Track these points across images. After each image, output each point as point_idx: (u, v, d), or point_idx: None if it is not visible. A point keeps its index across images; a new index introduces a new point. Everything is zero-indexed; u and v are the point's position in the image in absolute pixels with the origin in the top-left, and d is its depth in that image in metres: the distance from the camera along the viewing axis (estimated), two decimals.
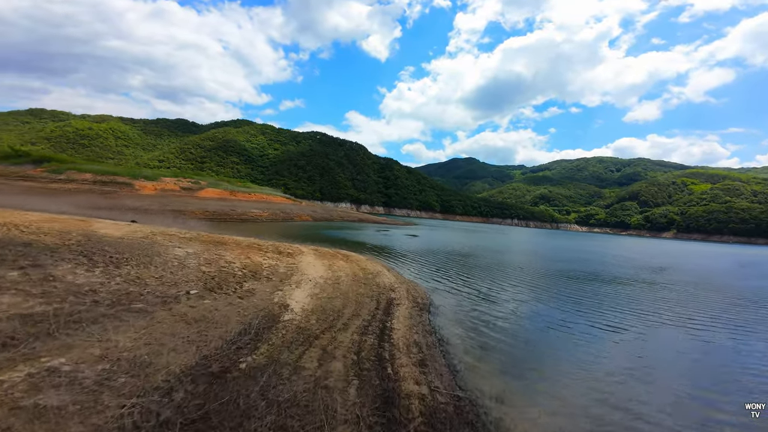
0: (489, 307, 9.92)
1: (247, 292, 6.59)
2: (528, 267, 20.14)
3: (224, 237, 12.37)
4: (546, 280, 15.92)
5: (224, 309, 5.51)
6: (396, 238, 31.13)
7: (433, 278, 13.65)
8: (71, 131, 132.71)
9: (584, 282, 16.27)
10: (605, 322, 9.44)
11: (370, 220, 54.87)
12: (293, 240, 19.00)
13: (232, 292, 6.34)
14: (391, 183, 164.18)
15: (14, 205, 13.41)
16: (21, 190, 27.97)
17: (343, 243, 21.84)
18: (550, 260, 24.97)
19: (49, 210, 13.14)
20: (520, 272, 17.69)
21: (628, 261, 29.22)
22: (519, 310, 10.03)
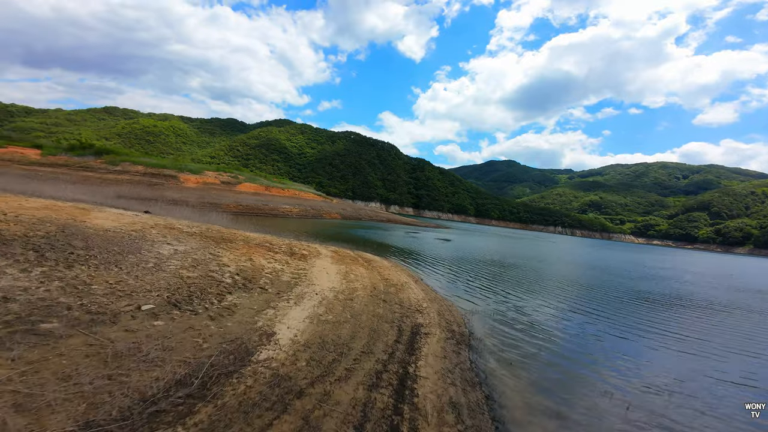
0: (556, 344, 7.40)
1: (226, 309, 4.97)
2: (593, 285, 16.71)
3: (236, 233, 11.21)
4: (625, 304, 12.64)
5: (177, 337, 3.90)
6: (426, 241, 28.76)
7: (471, 295, 11.28)
8: (139, 128, 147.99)
9: (677, 308, 12.71)
10: (743, 374, 6.39)
11: (399, 221, 52.85)
12: (315, 238, 17.69)
13: (203, 310, 4.75)
14: (422, 184, 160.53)
15: (52, 193, 13.44)
16: (78, 178, 30.47)
17: (368, 244, 20.12)
18: (619, 276, 20.90)
19: (79, 198, 13.06)
20: (584, 291, 14.52)
21: (718, 281, 23.80)
22: (600, 349, 7.37)
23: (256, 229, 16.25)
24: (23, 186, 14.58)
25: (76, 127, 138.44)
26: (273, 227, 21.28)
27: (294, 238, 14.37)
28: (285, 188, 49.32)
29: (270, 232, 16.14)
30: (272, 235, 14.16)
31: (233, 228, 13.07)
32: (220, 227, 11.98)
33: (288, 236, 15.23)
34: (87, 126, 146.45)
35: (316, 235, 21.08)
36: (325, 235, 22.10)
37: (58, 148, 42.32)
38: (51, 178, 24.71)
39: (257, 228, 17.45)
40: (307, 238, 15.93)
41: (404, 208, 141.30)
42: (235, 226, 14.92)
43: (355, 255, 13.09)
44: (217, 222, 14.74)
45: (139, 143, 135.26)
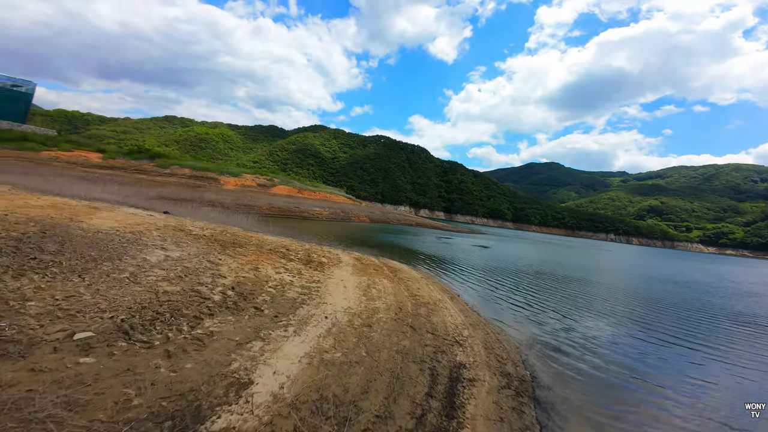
0: (662, 395, 5.17)
1: (195, 341, 3.69)
2: (679, 304, 13.40)
3: (253, 236, 10.29)
4: (731, 331, 9.58)
5: (101, 384, 2.65)
6: (460, 248, 26.40)
7: (522, 317, 9.16)
8: (193, 135, 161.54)
9: None
10: None
11: (429, 225, 50.44)
12: (340, 243, 16.51)
13: (163, 341, 3.50)
14: (454, 187, 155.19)
15: (90, 193, 13.71)
16: (130, 180, 32.90)
17: (395, 251, 18.52)
18: (705, 293, 16.87)
19: (106, 198, 13.17)
20: (671, 313, 11.48)
21: None
22: (733, 398, 4.99)
23: (280, 231, 15.51)
24: (71, 186, 15.25)
25: (141, 135, 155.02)
26: (300, 230, 20.61)
27: (316, 243, 13.28)
28: (316, 191, 49.66)
29: (294, 235, 15.29)
30: (294, 238, 13.20)
31: (254, 231, 12.29)
32: (239, 230, 11.20)
33: (311, 240, 14.21)
34: (150, 133, 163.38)
35: (341, 238, 19.98)
36: (350, 239, 20.94)
37: (117, 152, 46.70)
38: (104, 179, 26.70)
39: (283, 230, 16.76)
40: (331, 243, 14.79)
41: (434, 212, 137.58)
42: (259, 229, 14.25)
43: (380, 264, 11.57)
44: (240, 224, 14.19)
45: (193, 149, 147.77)
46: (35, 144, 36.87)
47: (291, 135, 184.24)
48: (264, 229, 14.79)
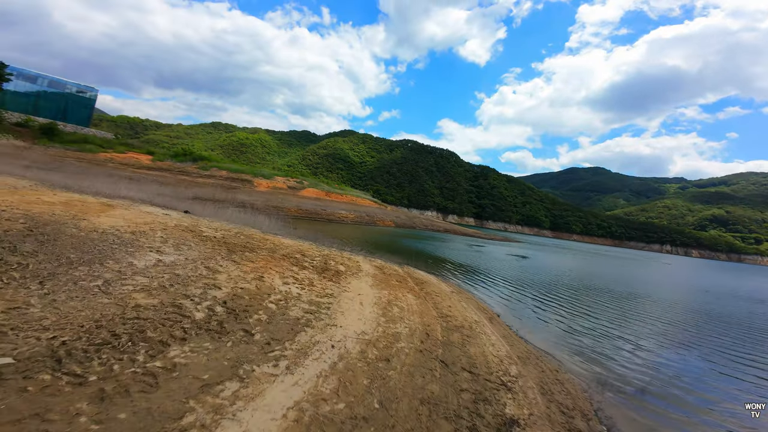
0: None
1: (147, 377, 2.73)
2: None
3: (268, 239, 9.58)
4: None
5: None
6: (495, 257, 24.21)
7: (584, 345, 7.40)
8: (235, 140, 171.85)
9: None
10: None
11: (459, 232, 47.94)
12: (362, 248, 15.49)
13: (103, 376, 2.58)
14: (485, 193, 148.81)
15: (122, 192, 13.99)
16: (173, 181, 34.90)
17: (421, 258, 17.11)
18: None
19: (133, 196, 13.33)
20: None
21: None
22: None
23: (302, 234, 14.89)
24: (113, 185, 15.87)
25: (190, 140, 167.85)
26: (323, 233, 20.01)
27: (337, 248, 12.36)
28: (343, 194, 49.62)
29: (316, 238, 14.58)
30: (315, 242, 12.41)
31: (272, 233, 11.66)
32: (256, 232, 10.59)
33: (332, 244, 13.35)
34: (198, 138, 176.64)
35: (364, 243, 19.00)
36: (373, 243, 19.88)
37: (165, 155, 50.29)
38: (148, 179, 28.41)
39: (305, 233, 16.16)
40: (353, 248, 13.83)
41: (464, 218, 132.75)
42: (281, 231, 13.70)
43: (404, 273, 10.31)
44: (262, 225, 13.73)
45: (235, 153, 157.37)
46: (94, 146, 40.62)
47: (322, 140, 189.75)
48: (286, 231, 14.24)
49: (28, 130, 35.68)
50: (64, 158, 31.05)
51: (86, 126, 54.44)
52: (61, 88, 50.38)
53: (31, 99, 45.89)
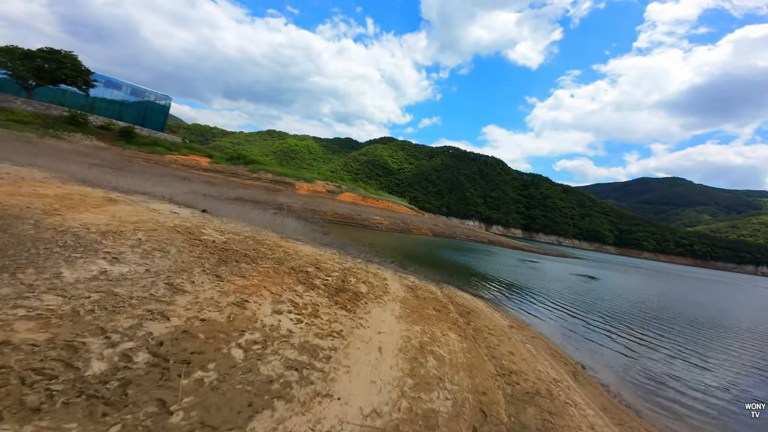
0: None
1: None
2: None
3: (280, 246, 8.16)
4: None
5: None
6: (555, 276, 20.38)
7: (746, 423, 4.50)
8: (286, 147, 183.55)
9: None
10: None
11: (506, 244, 43.18)
12: (393, 259, 13.49)
13: None
14: (536, 203, 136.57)
15: (157, 189, 13.99)
16: (224, 182, 36.84)
17: (464, 275, 14.53)
18: None
19: (162, 193, 13.10)
20: None
21: None
22: None
23: (329, 241, 13.48)
24: (150, 183, 16.27)
25: (249, 146, 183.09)
26: (354, 239, 18.53)
27: (364, 258, 10.59)
28: (380, 200, 48.41)
29: (344, 245, 13.04)
30: (340, 250, 10.82)
31: (293, 239, 10.33)
32: (274, 236, 9.30)
33: (359, 253, 11.66)
34: (256, 145, 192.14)
35: (396, 253, 17.01)
36: (407, 254, 17.77)
37: (221, 158, 54.21)
38: (199, 179, 30.03)
39: (334, 239, 14.78)
40: (383, 259, 11.95)
41: (510, 229, 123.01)
42: (308, 236, 12.44)
43: (444, 297, 8.08)
44: (288, 229, 12.61)
45: (285, 159, 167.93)
46: (162, 148, 44.95)
47: (363, 147, 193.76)
48: (312, 236, 12.94)
49: (110, 133, 40.60)
50: (133, 158, 34.50)
51: (161, 131, 61.30)
52: (141, 96, 57.45)
53: (116, 106, 52.89)
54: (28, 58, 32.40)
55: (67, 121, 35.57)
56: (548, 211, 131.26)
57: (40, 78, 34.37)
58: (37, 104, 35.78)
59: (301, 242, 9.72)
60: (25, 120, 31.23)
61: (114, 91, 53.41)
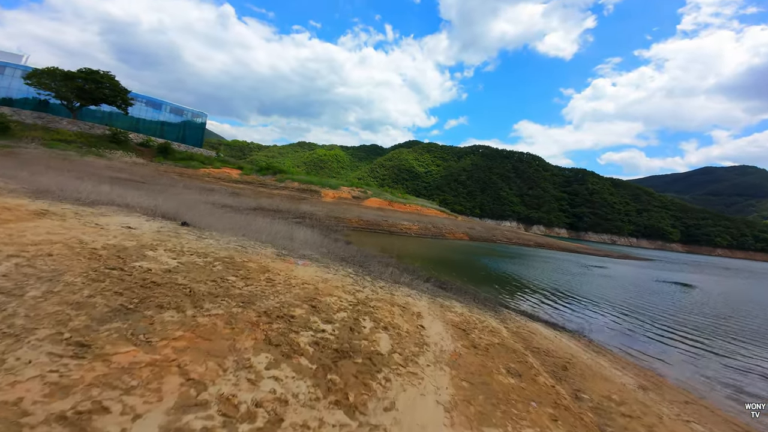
0: None
1: None
2: None
3: (272, 268, 5.79)
4: None
5: None
6: (641, 285, 15.97)
7: None
8: (315, 157, 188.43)
9: None
10: None
11: (555, 246, 37.78)
12: (427, 272, 10.61)
13: None
14: (582, 200, 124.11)
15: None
16: (251, 191, 36.55)
17: (523, 290, 11.15)
18: None
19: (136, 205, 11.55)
20: None
21: None
22: None
23: (351, 254, 11.01)
24: (169, 197, 15.11)
25: (282, 158, 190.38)
26: (381, 248, 15.92)
27: (389, 278, 7.91)
28: (407, 203, 45.51)
29: (364, 259, 10.50)
30: (358, 269, 8.28)
31: (294, 256, 7.96)
32: (263, 255, 7.00)
33: (385, 269, 9.01)
34: (288, 157, 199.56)
35: (430, 264, 14.07)
36: (443, 264, 14.71)
37: (251, 169, 55.10)
38: (225, 191, 29.63)
39: (357, 251, 12.28)
40: (414, 276, 9.16)
41: (553, 228, 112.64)
42: (319, 250, 10.09)
43: (516, 341, 5.06)
44: (296, 241, 10.38)
45: (315, 168, 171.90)
46: (197, 162, 46.33)
47: (388, 152, 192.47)
48: (326, 249, 10.55)
49: (149, 149, 42.40)
50: (166, 173, 35.35)
51: (200, 146, 64.30)
52: (179, 114, 60.62)
53: (158, 125, 56.03)
54: (69, 78, 34.52)
55: (109, 140, 37.63)
56: (597, 207, 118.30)
57: (81, 98, 36.59)
58: (82, 124, 38.36)
59: (305, 260, 7.30)
60: (70, 139, 33.25)
61: (154, 110, 56.90)
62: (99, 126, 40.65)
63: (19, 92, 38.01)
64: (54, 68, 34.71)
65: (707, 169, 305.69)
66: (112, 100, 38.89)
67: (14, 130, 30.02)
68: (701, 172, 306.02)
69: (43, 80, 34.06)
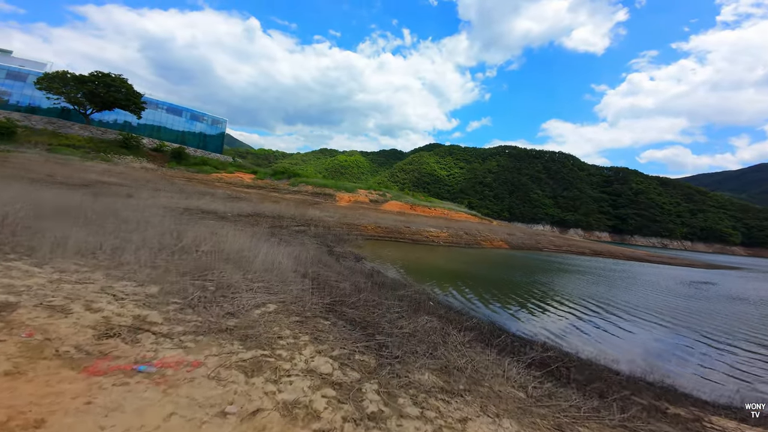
0: None
1: None
2: None
3: None
4: None
5: None
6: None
7: None
8: (336, 163, 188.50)
9: None
10: None
11: (619, 255, 31.40)
12: (481, 307, 6.19)
13: None
14: (626, 200, 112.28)
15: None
16: (259, 197, 33.70)
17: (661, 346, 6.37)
18: None
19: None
20: None
21: None
22: None
23: (353, 276, 6.92)
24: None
25: (305, 165, 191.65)
26: (401, 264, 11.71)
27: (426, 346, 3.74)
28: (431, 206, 40.82)
29: (384, 296, 6.34)
30: (360, 352, 4.12)
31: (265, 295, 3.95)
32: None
33: (407, 309, 4.85)
34: (311, 164, 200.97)
35: (471, 283, 9.56)
36: (494, 286, 10.12)
37: (265, 174, 53.02)
38: (223, 195, 26.66)
39: (364, 272, 8.18)
40: (463, 318, 4.83)
41: (593, 232, 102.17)
42: (297, 282, 6.09)
43: None
44: (254, 268, 6.47)
45: (336, 174, 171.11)
46: (210, 167, 44.65)
47: (408, 156, 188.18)
48: (327, 271, 6.51)
49: (162, 155, 41.03)
50: (172, 177, 33.36)
51: (219, 152, 63.61)
52: (199, 120, 60.17)
53: (179, 133, 55.58)
54: (81, 82, 33.50)
55: (120, 145, 36.48)
56: (643, 208, 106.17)
57: (93, 102, 35.58)
58: (94, 129, 37.58)
59: (196, 360, 3.27)
60: (78, 144, 32.11)
61: (176, 117, 56.69)
62: (112, 131, 39.84)
63: (43, 100, 37.96)
64: (64, 72, 33.93)
65: (762, 166, 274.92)
66: (125, 104, 37.75)
67: (20, 135, 29.06)
68: (756, 169, 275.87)
69: (54, 85, 33.22)
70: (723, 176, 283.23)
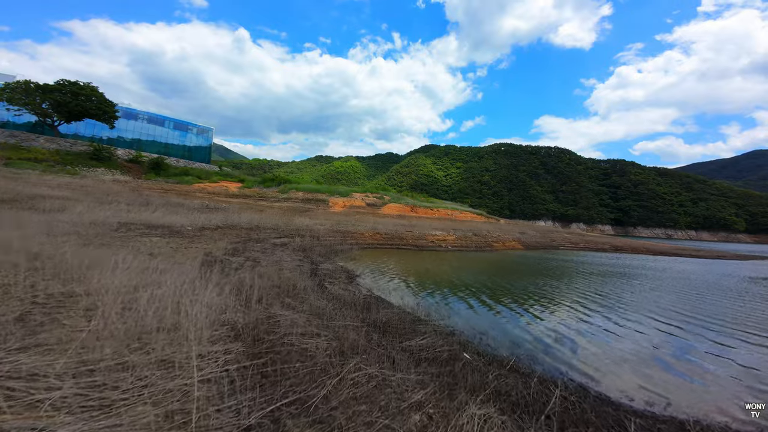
0: None
1: None
2: None
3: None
4: None
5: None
6: None
7: None
8: (332, 169, 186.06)
9: None
10: None
11: (642, 249, 28.75)
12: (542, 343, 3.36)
13: None
14: (626, 192, 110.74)
15: None
16: (240, 206, 30.72)
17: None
18: None
19: None
20: None
21: None
22: None
23: (344, 317, 4.08)
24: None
25: (301, 173, 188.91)
26: (406, 281, 8.89)
27: None
28: (434, 207, 38.08)
29: (378, 325, 3.49)
30: None
31: None
32: None
33: (430, 362, 2.09)
34: (306, 171, 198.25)
35: (508, 301, 6.70)
36: (545, 303, 7.28)
37: (254, 182, 50.00)
38: (193, 206, 23.68)
39: (381, 276, 5.36)
40: (534, 394, 2.13)
41: (595, 226, 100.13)
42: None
43: None
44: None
45: (333, 180, 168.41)
46: (192, 177, 41.72)
47: (404, 158, 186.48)
48: (300, 317, 3.68)
49: (138, 166, 37.98)
50: (147, 190, 30.35)
51: (207, 162, 60.50)
52: (184, 129, 57.04)
53: (161, 144, 52.52)
54: (46, 91, 30.56)
55: (91, 157, 33.43)
56: (644, 199, 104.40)
57: (59, 112, 32.55)
58: (62, 141, 34.50)
59: None
60: (41, 158, 29.01)
61: (158, 127, 53.68)
62: (83, 143, 36.73)
63: (10, 114, 34.88)
64: (27, 81, 31.00)
65: (757, 153, 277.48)
66: (95, 113, 34.73)
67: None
68: (749, 156, 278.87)
69: (15, 95, 30.20)
70: (717, 165, 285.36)
